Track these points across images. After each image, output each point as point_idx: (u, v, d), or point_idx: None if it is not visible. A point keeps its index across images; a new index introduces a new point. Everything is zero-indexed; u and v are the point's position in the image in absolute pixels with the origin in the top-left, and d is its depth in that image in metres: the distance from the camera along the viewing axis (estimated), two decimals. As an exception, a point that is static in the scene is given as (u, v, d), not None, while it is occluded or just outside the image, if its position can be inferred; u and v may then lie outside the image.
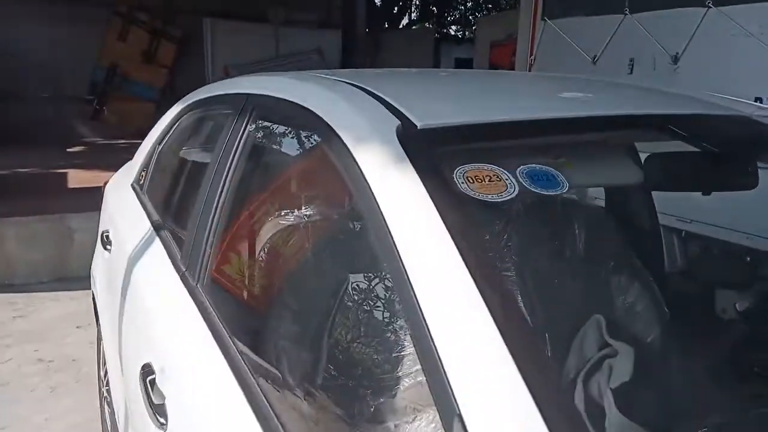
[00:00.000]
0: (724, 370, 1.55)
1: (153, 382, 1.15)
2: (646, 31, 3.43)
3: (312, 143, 1.06)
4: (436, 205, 0.72)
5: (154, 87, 9.72)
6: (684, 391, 1.27)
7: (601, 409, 1.46)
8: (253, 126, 1.31)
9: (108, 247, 2.02)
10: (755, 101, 2.73)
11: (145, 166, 2.18)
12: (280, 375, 0.99)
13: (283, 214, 1.14)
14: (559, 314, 1.63)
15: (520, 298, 1.45)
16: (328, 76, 1.20)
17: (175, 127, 1.97)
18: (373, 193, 0.78)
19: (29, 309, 3.85)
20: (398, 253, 0.71)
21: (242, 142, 1.30)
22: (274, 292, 1.22)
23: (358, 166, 0.83)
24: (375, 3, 14.08)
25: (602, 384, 1.49)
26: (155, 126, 2.23)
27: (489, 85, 1.39)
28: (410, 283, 0.69)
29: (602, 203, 2.00)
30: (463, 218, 0.74)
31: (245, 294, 1.25)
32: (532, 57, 4.41)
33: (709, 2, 3.06)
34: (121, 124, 9.27)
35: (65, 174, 6.39)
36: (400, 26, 14.87)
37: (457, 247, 0.68)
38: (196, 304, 1.22)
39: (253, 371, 0.98)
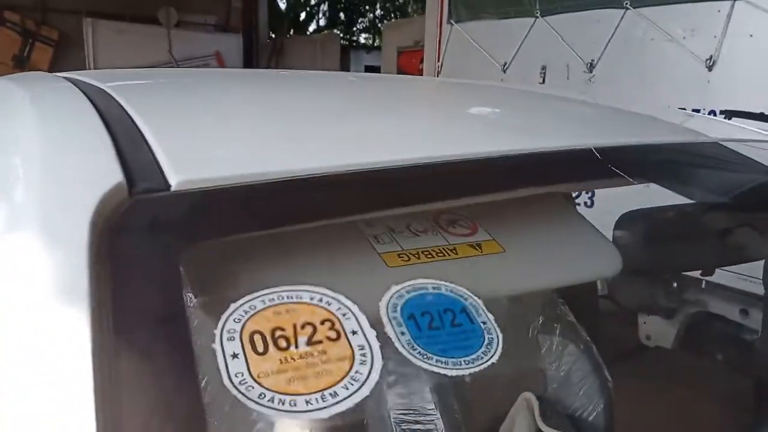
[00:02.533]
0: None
1: None
2: (558, 36, 3.12)
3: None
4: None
5: (28, 95, 8.67)
6: None
7: None
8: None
9: None
10: (733, 116, 2.45)
11: None
12: None
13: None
14: (477, 395, 1.20)
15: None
16: (67, 77, 0.68)
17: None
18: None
19: None
20: None
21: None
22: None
23: None
24: (279, 8, 13.55)
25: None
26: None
27: (331, 94, 0.89)
28: None
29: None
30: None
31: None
32: (439, 63, 4.04)
33: (626, 3, 2.77)
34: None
35: None
36: (308, 32, 14.38)
37: None
38: None
39: None
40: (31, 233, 0.35)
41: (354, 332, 0.37)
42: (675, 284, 2.67)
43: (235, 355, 0.33)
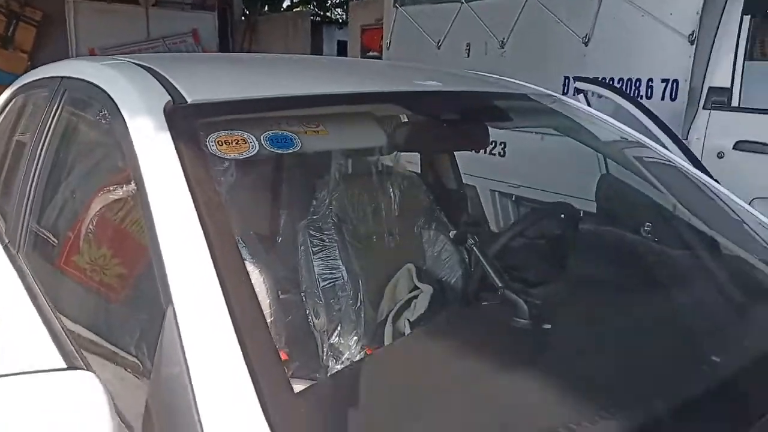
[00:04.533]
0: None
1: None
2: (479, 19, 3.79)
3: (103, 117, 1.22)
4: (183, 166, 0.91)
5: (14, 74, 9.07)
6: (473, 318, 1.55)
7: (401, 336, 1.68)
8: (64, 105, 1.44)
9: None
10: (576, 81, 3.14)
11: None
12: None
13: (84, 183, 1.30)
14: (374, 265, 1.90)
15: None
16: (130, 60, 1.35)
17: (6, 109, 2.02)
18: (137, 158, 0.97)
19: None
20: (150, 209, 0.89)
21: (55, 119, 1.44)
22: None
23: (130, 137, 1.02)
24: (253, -15, 13.88)
25: (407, 318, 1.74)
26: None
27: (265, 67, 1.60)
28: (157, 236, 0.83)
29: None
30: (208, 174, 0.94)
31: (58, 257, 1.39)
32: (388, 41, 4.68)
33: (529, -9, 3.44)
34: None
35: None
36: (282, 9, 14.77)
37: (195, 206, 0.86)
38: (15, 269, 1.35)
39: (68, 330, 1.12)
40: (148, 118, 1.01)
41: (248, 141, 1.06)
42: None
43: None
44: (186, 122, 1.02)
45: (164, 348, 0.73)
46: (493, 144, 3.77)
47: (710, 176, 1.83)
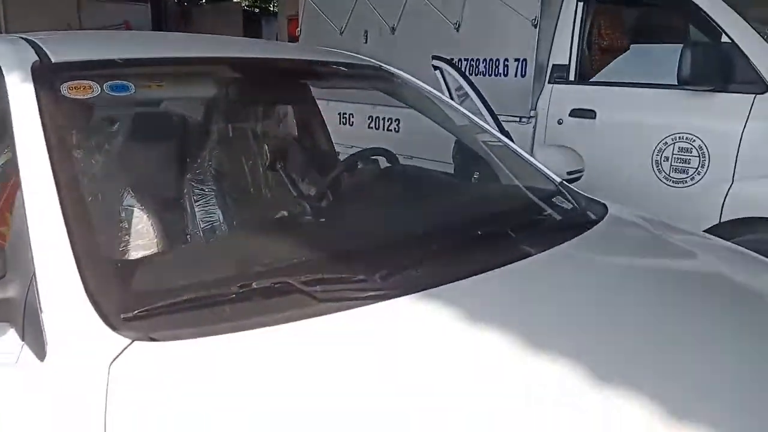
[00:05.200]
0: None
1: None
2: (373, 8, 4.22)
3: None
4: (39, 106, 1.30)
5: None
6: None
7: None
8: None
9: None
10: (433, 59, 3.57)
11: None
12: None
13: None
14: (252, 212, 2.29)
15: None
16: (18, 36, 1.72)
17: None
18: (9, 101, 1.35)
19: None
20: (13, 134, 1.27)
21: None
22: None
23: (6, 87, 1.39)
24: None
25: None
26: None
27: (131, 40, 2.00)
28: (15, 144, 1.24)
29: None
30: (63, 113, 1.33)
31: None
32: (298, 30, 5.06)
33: (408, -16, 3.88)
34: None
35: None
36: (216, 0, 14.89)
37: (46, 140, 1.24)
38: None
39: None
40: (18, 73, 1.37)
41: (93, 87, 1.44)
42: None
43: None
44: (47, 75, 1.41)
45: (16, 210, 1.13)
46: (390, 121, 4.23)
47: (510, 138, 2.31)
